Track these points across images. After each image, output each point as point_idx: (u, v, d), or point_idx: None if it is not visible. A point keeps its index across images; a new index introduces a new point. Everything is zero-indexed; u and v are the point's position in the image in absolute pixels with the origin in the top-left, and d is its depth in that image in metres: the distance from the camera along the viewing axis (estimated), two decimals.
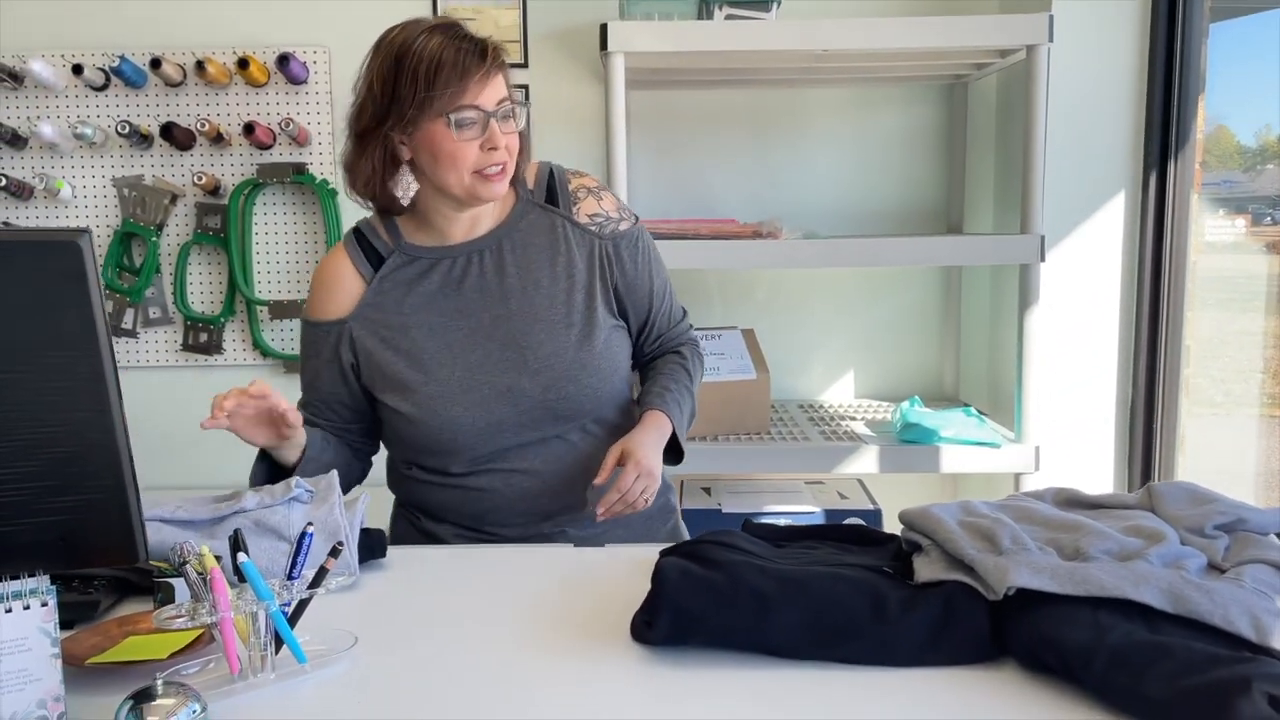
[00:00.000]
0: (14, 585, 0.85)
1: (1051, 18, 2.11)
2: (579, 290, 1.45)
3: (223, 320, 2.69)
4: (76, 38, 2.60)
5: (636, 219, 1.55)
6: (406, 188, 1.39)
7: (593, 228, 1.49)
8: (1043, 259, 2.19)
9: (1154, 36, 2.26)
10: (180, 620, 0.91)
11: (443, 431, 1.41)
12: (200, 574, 0.94)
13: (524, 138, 1.43)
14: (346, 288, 1.45)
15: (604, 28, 2.13)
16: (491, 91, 1.34)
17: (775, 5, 2.26)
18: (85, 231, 0.87)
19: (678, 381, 1.53)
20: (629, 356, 1.54)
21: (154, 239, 2.63)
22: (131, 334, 2.68)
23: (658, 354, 1.61)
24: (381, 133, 1.35)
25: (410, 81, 1.31)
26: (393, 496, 1.60)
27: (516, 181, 1.47)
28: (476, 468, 1.45)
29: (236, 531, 0.98)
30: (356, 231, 1.49)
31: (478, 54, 1.33)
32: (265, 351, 2.70)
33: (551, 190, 1.50)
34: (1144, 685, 0.83)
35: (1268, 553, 0.99)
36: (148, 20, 2.60)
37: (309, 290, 1.50)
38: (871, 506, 2.31)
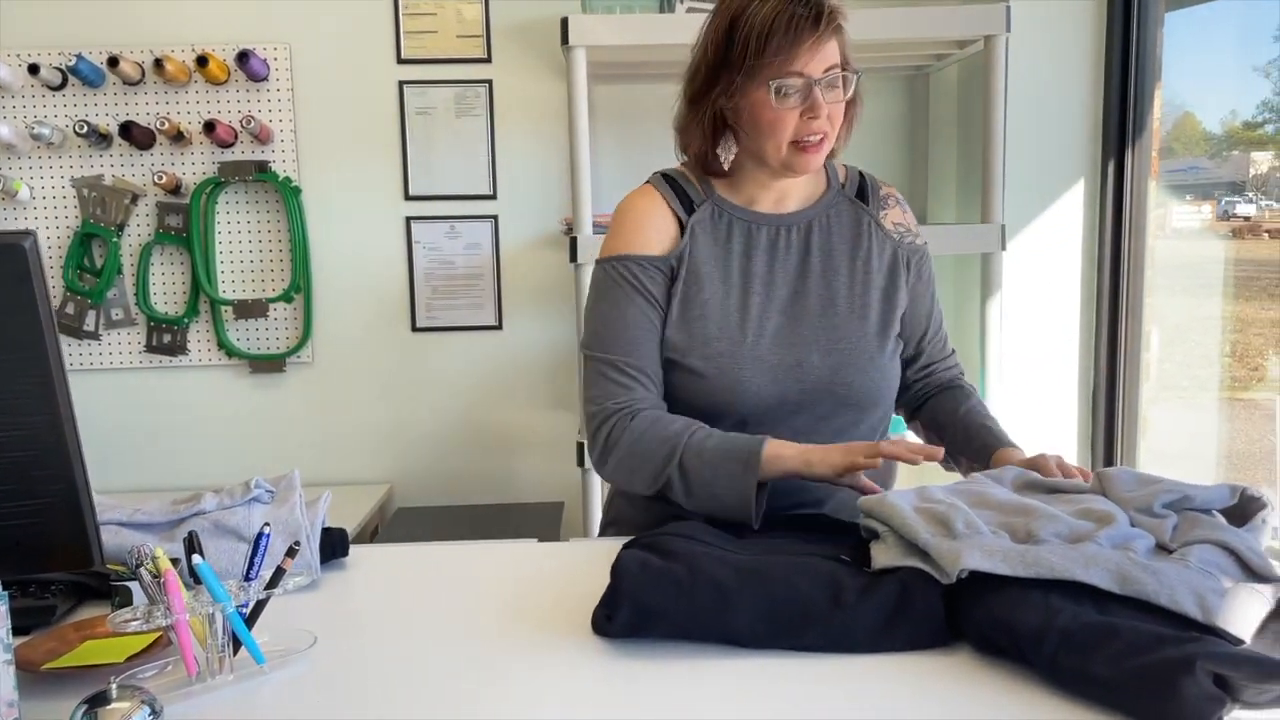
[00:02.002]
0: None
1: (1009, 8, 2.13)
2: (875, 289, 1.40)
3: (186, 321, 2.66)
4: (32, 37, 2.56)
5: (925, 242, 1.50)
6: (729, 152, 1.36)
7: (895, 235, 1.44)
8: (1004, 248, 2.21)
9: (1110, 25, 2.29)
10: (135, 623, 0.91)
11: (729, 393, 1.33)
12: (155, 576, 0.93)
13: (851, 110, 1.36)
14: (666, 225, 1.38)
15: (565, 21, 2.13)
16: (821, 59, 1.27)
17: None
18: (30, 234, 0.86)
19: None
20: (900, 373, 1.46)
21: (115, 240, 2.61)
22: (94, 336, 2.65)
23: (929, 386, 1.52)
24: (712, 96, 1.31)
25: (741, 46, 1.26)
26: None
27: (829, 167, 1.45)
28: None
29: (191, 533, 0.98)
30: (665, 175, 1.43)
31: (811, 20, 1.25)
32: (230, 351, 2.68)
33: (862, 189, 1.46)
34: (1092, 666, 0.85)
35: (1214, 533, 1.01)
36: (104, 18, 2.57)
37: (613, 229, 1.39)
38: None
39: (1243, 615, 0.90)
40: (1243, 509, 1.08)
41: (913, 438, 1.59)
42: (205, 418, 2.72)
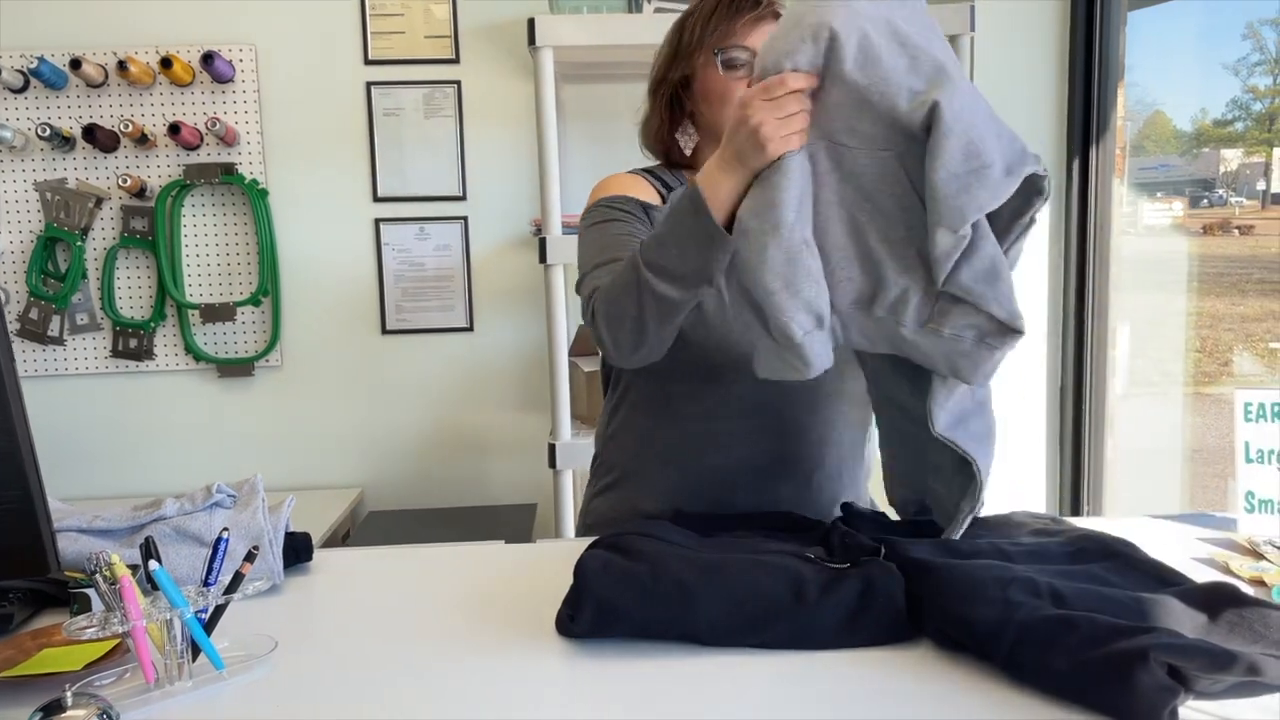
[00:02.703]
0: None
1: (973, 8, 2.15)
2: None
3: (153, 325, 2.64)
4: None
5: None
6: (690, 139, 1.41)
7: None
8: None
9: (1073, 25, 2.31)
10: (91, 630, 0.90)
11: (720, 354, 1.31)
12: (111, 583, 0.92)
13: None
14: (647, 190, 1.41)
15: (532, 22, 2.12)
16: (762, 35, 1.31)
17: None
18: None
19: None
20: None
21: (79, 243, 2.58)
22: (58, 341, 2.62)
23: None
24: (667, 81, 1.39)
25: (690, 30, 1.36)
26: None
27: None
28: (725, 411, 1.35)
29: (148, 539, 0.97)
30: (647, 169, 1.47)
31: (752, 1, 1.33)
32: (198, 356, 2.65)
33: None
34: (1049, 659, 0.86)
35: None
36: (66, 19, 2.54)
37: (597, 191, 1.41)
38: None
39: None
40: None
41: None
42: (173, 423, 2.69)
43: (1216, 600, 0.93)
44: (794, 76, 1.02)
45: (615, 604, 0.99)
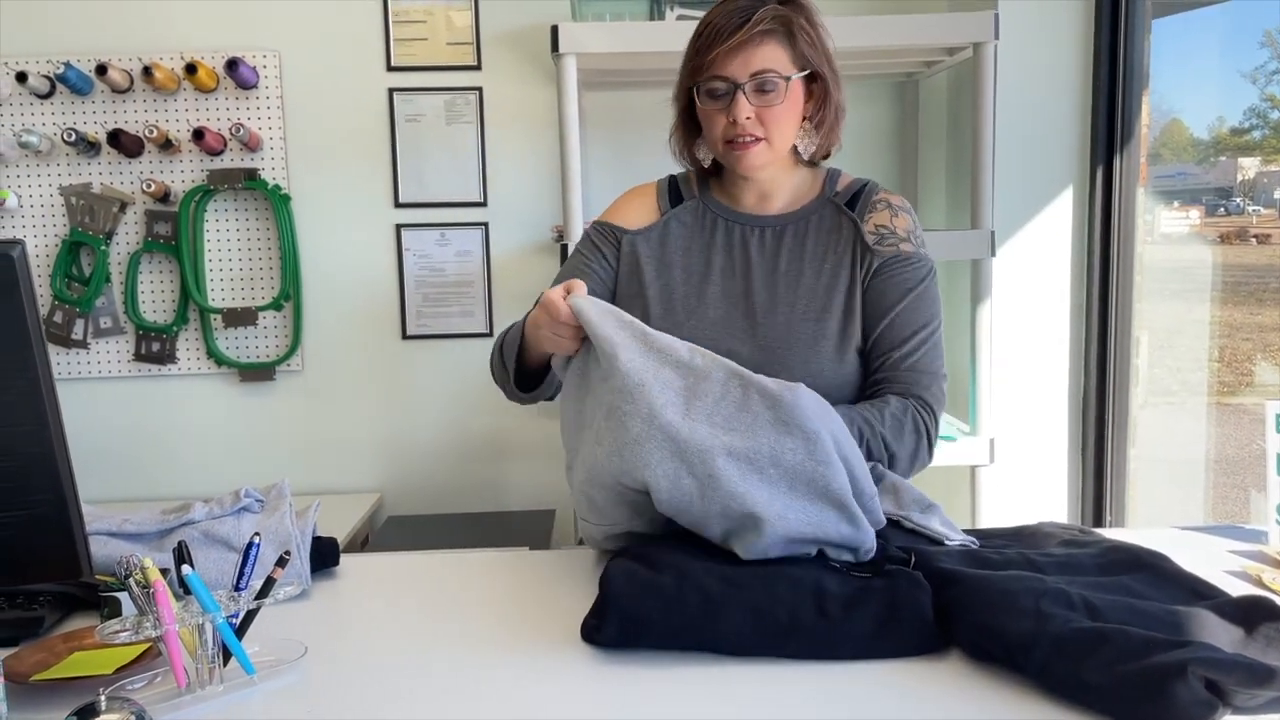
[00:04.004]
0: None
1: (997, 16, 2.14)
2: (839, 294, 1.39)
3: (175, 329, 2.65)
4: (20, 45, 2.55)
5: (927, 256, 1.45)
6: (707, 150, 1.44)
7: (872, 237, 1.42)
8: (993, 254, 2.22)
9: (1098, 33, 2.30)
10: (124, 634, 0.90)
11: None
12: (144, 587, 0.93)
13: (828, 114, 1.40)
14: (644, 211, 1.49)
15: (555, 29, 2.13)
16: (744, 62, 1.32)
17: None
18: (18, 243, 0.86)
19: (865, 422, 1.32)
20: (858, 388, 1.42)
21: (103, 248, 2.59)
22: (82, 345, 2.64)
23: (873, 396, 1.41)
24: (676, 101, 1.43)
25: (689, 51, 1.38)
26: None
27: (829, 174, 1.48)
28: None
29: (181, 543, 0.97)
30: (671, 177, 1.54)
31: (735, 24, 1.31)
32: (220, 360, 2.67)
33: (856, 196, 1.46)
34: (1084, 672, 0.85)
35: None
36: (93, 26, 2.56)
37: (608, 209, 1.53)
38: None
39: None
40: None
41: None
42: (194, 426, 2.70)
43: (1253, 614, 0.92)
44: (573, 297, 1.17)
45: (640, 614, 0.99)
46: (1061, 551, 1.12)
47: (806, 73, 1.36)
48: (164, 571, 0.99)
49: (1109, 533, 1.25)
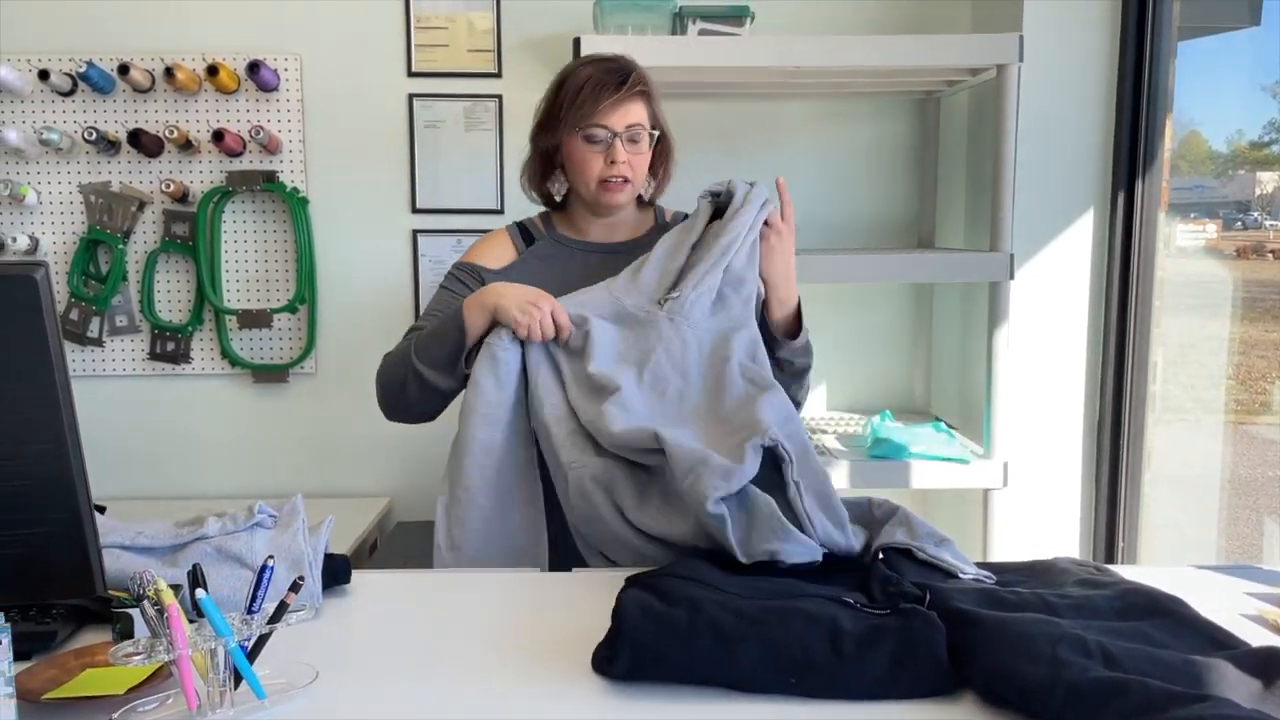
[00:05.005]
0: None
1: (1021, 38, 2.13)
2: None
3: (190, 329, 2.66)
4: (43, 42, 2.56)
5: None
6: (560, 187, 1.66)
7: None
8: (1012, 277, 2.20)
9: (1123, 56, 2.28)
10: (138, 657, 0.90)
11: None
12: (157, 607, 0.92)
13: (659, 164, 1.68)
14: (502, 252, 1.69)
15: (577, 41, 2.12)
16: (622, 116, 1.56)
17: (748, 21, 2.26)
18: (41, 264, 0.86)
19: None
20: None
21: (121, 246, 2.60)
22: (98, 342, 2.65)
23: None
24: (541, 142, 1.64)
25: (561, 102, 1.58)
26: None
27: (657, 209, 1.75)
28: None
29: (196, 567, 0.97)
30: (518, 223, 1.75)
31: (615, 83, 1.56)
32: (234, 361, 2.67)
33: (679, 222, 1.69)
34: None
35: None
36: (115, 25, 2.57)
37: (467, 252, 1.72)
38: None
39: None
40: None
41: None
42: (207, 426, 2.71)
43: (1271, 667, 0.91)
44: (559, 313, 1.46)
45: (653, 648, 0.98)
46: (1078, 592, 1.11)
47: (658, 132, 1.63)
48: (176, 588, 0.99)
49: (1124, 570, 1.24)
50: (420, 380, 1.53)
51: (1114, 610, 1.06)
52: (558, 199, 1.68)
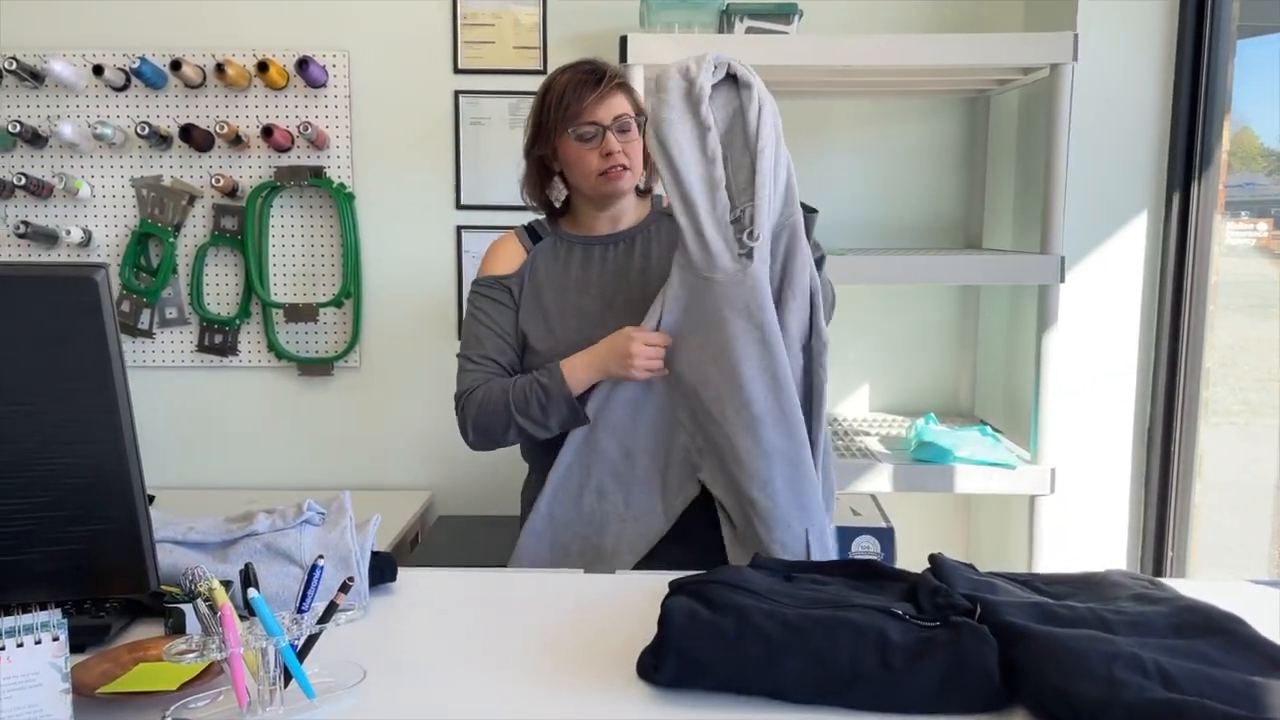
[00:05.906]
0: (25, 619, 0.85)
1: (1076, 37, 2.09)
2: None
3: (238, 322, 2.69)
4: (97, 38, 2.60)
5: None
6: (559, 193, 1.72)
7: None
8: (1062, 280, 2.17)
9: (1179, 55, 2.23)
10: (191, 655, 0.91)
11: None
12: (209, 604, 0.94)
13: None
14: (513, 254, 1.74)
15: (624, 40, 2.12)
16: (608, 109, 1.62)
17: (797, 19, 2.24)
18: (102, 267, 0.87)
19: None
20: None
21: (171, 240, 2.64)
22: (148, 334, 2.69)
23: None
24: (536, 151, 1.69)
25: (547, 110, 1.64)
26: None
27: (654, 197, 1.77)
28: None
29: (248, 566, 0.98)
30: (527, 224, 1.79)
31: (594, 80, 1.62)
32: (280, 354, 2.70)
33: None
34: None
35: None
36: (168, 22, 2.61)
37: (482, 264, 1.76)
38: (885, 524, 2.29)
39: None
40: None
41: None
42: (253, 418, 2.75)
43: None
44: (662, 339, 1.54)
45: (699, 657, 0.98)
46: (1133, 608, 1.08)
47: (645, 118, 1.64)
48: (227, 584, 1.00)
49: (1179, 584, 1.21)
50: (524, 432, 1.62)
51: (1171, 628, 1.03)
52: (557, 205, 1.75)
